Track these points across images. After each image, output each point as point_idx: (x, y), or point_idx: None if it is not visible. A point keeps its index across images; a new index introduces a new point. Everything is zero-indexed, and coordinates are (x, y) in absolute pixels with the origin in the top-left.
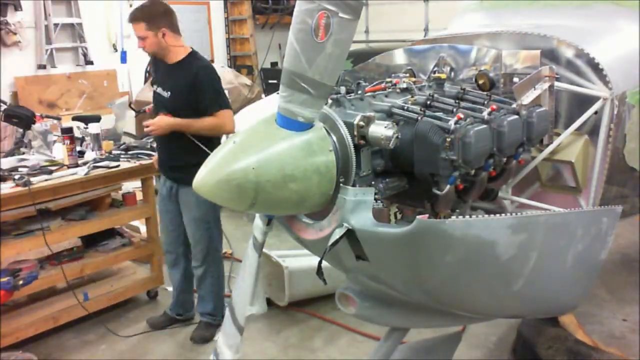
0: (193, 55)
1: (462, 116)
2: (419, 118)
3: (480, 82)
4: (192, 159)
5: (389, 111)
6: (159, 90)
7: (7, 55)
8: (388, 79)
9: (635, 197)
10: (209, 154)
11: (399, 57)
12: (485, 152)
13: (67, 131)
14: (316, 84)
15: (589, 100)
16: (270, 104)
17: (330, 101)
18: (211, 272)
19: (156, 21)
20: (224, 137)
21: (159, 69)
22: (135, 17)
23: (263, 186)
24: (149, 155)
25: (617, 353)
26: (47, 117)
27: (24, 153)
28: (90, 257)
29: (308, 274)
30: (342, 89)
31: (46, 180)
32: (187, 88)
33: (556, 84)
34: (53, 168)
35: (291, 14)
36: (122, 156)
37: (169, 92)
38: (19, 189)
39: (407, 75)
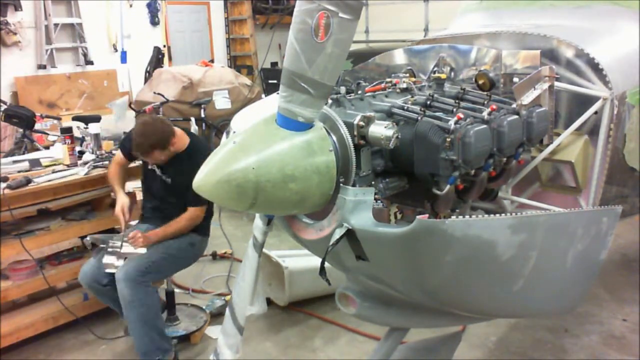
0: (193, 146)
1: (462, 116)
2: (419, 118)
3: (480, 82)
4: None
5: (389, 111)
6: (160, 172)
7: (7, 55)
8: (388, 79)
9: (635, 197)
10: None
11: (399, 57)
12: (485, 152)
13: (67, 131)
14: (316, 84)
15: (589, 100)
16: (270, 104)
17: (330, 101)
18: None
19: (168, 140)
20: (223, 138)
21: None
22: (147, 147)
23: (263, 186)
24: None
25: None
26: (47, 117)
27: (23, 153)
28: (90, 257)
29: (308, 274)
30: (342, 89)
31: (49, 180)
32: (188, 180)
33: (556, 84)
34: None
35: (291, 14)
36: None
37: (171, 179)
38: (19, 189)
39: (407, 75)
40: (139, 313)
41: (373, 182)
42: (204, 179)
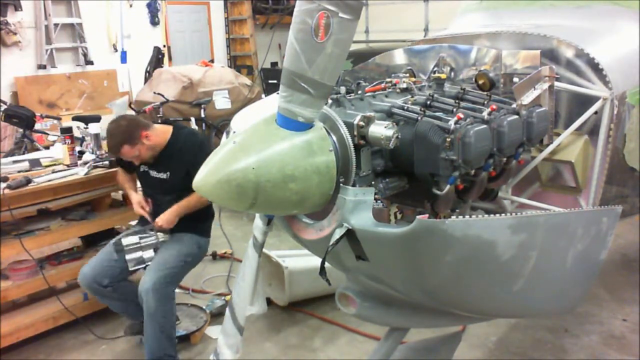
0: (175, 135)
1: (462, 116)
2: (419, 118)
3: (480, 82)
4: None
5: (389, 111)
6: (155, 173)
7: (7, 55)
8: (388, 79)
9: (635, 197)
10: None
11: (399, 57)
12: (485, 152)
13: (67, 131)
14: (316, 84)
15: (589, 100)
16: (270, 104)
17: (330, 101)
18: None
19: (135, 134)
20: (223, 138)
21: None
22: (115, 145)
23: (263, 186)
24: None
25: None
26: (47, 117)
27: (23, 153)
28: (90, 257)
29: (308, 274)
30: (342, 89)
31: (49, 180)
32: (184, 167)
33: (556, 84)
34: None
35: (291, 14)
36: None
37: (166, 174)
38: (19, 189)
39: (407, 75)
40: (160, 323)
41: (373, 182)
42: (204, 179)
